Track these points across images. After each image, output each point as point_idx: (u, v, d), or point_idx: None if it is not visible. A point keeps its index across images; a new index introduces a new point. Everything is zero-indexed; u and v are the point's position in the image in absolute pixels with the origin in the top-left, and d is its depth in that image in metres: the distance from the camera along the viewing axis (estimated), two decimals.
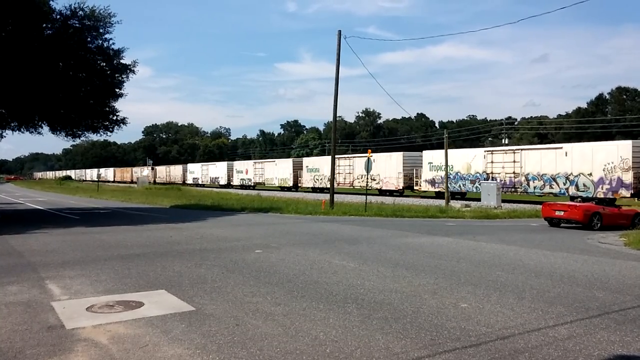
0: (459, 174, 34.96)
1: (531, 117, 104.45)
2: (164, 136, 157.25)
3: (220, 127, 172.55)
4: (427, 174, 37.26)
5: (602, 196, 26.90)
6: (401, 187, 39.20)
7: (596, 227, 17.09)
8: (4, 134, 23.82)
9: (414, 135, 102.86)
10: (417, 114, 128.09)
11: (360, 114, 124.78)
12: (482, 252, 11.22)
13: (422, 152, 40.07)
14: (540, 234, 15.86)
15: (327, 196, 34.41)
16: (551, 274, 8.66)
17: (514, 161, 31.91)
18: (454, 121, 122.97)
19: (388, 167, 39.86)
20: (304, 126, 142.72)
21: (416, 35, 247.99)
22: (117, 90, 22.91)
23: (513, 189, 31.82)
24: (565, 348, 4.83)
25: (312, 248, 11.47)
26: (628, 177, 26.18)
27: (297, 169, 51.39)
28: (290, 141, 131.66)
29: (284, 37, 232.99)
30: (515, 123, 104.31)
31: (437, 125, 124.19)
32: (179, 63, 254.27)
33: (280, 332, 5.22)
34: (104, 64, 22.42)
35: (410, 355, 4.59)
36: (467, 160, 34.67)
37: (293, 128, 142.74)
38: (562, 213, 17.73)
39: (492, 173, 33.05)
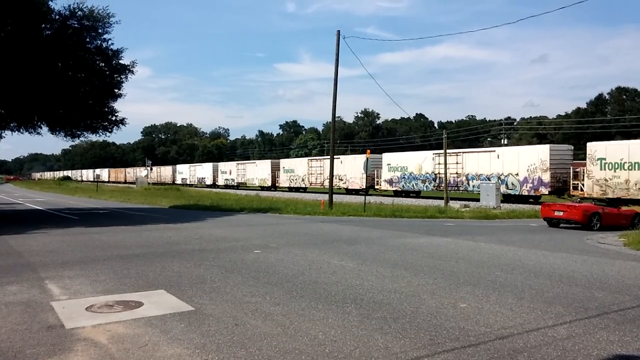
0: (412, 174, 38.54)
1: (530, 117, 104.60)
2: (163, 136, 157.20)
3: (219, 127, 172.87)
4: (386, 174, 40.78)
5: (525, 194, 31.29)
6: (364, 187, 41.56)
7: (595, 227, 17.10)
8: (3, 134, 23.83)
9: (412, 135, 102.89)
10: (416, 114, 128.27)
11: (359, 115, 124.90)
12: (481, 253, 11.23)
13: (382, 154, 43.26)
14: (539, 234, 15.87)
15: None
16: (550, 274, 8.67)
17: (457, 163, 35.07)
18: (453, 121, 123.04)
19: (353, 169, 43.13)
20: (303, 126, 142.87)
21: (415, 36, 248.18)
22: (116, 90, 22.91)
23: (456, 188, 35.13)
24: (565, 348, 4.84)
25: (311, 248, 11.47)
26: (547, 177, 29.99)
27: (275, 170, 54.84)
28: (289, 141, 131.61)
29: (283, 38, 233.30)
30: (515, 123, 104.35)
31: (436, 125, 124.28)
32: (178, 63, 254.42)
33: (280, 331, 5.22)
34: (103, 65, 22.41)
35: (409, 355, 4.60)
36: (418, 162, 38.13)
37: (292, 128, 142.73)
38: (561, 213, 17.74)
39: (439, 173, 36.03)
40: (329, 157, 52.86)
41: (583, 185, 29.01)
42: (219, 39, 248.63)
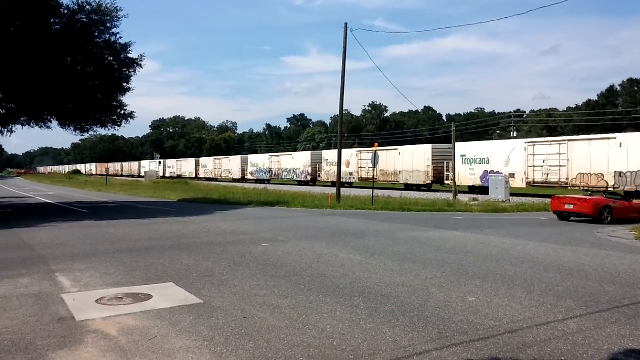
0: (260, 169, 59.45)
1: (540, 109, 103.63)
2: (171, 130, 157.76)
3: (227, 121, 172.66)
4: (250, 168, 61.83)
5: (302, 179, 51.14)
6: (240, 177, 62.88)
7: (606, 220, 16.93)
8: (13, 128, 24.02)
9: (421, 128, 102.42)
10: (425, 107, 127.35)
11: (367, 108, 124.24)
12: (490, 246, 11.17)
13: (248, 155, 67.98)
14: (549, 227, 15.75)
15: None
16: (560, 268, 8.61)
17: (278, 161, 56.52)
18: (462, 114, 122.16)
19: (234, 165, 65.33)
20: (311, 120, 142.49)
21: (423, 28, 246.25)
22: (125, 84, 23.01)
23: (278, 177, 55.88)
24: (575, 342, 4.80)
25: (318, 242, 11.48)
26: (310, 170, 50.92)
27: (197, 166, 76.47)
28: (297, 135, 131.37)
29: (291, 31, 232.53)
30: (524, 116, 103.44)
31: (444, 118, 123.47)
32: (186, 57, 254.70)
33: (288, 324, 5.23)
34: (112, 59, 22.49)
35: (418, 349, 4.58)
36: (262, 161, 60.17)
37: (300, 122, 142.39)
38: (571, 207, 17.57)
39: (271, 168, 57.52)
40: (224, 157, 76.87)
41: (321, 174, 49.64)
42: (227, 32, 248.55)
